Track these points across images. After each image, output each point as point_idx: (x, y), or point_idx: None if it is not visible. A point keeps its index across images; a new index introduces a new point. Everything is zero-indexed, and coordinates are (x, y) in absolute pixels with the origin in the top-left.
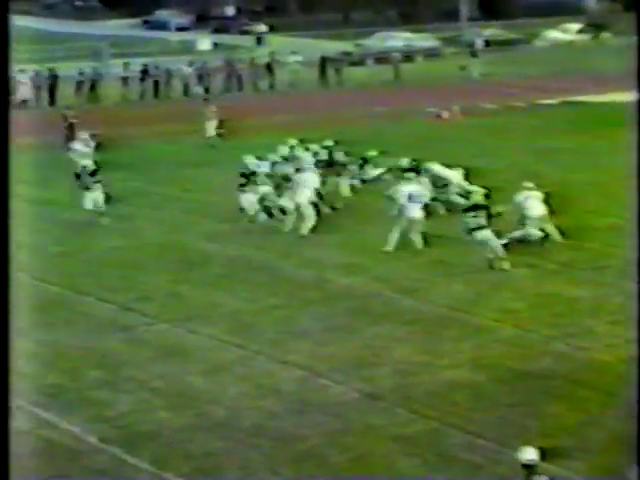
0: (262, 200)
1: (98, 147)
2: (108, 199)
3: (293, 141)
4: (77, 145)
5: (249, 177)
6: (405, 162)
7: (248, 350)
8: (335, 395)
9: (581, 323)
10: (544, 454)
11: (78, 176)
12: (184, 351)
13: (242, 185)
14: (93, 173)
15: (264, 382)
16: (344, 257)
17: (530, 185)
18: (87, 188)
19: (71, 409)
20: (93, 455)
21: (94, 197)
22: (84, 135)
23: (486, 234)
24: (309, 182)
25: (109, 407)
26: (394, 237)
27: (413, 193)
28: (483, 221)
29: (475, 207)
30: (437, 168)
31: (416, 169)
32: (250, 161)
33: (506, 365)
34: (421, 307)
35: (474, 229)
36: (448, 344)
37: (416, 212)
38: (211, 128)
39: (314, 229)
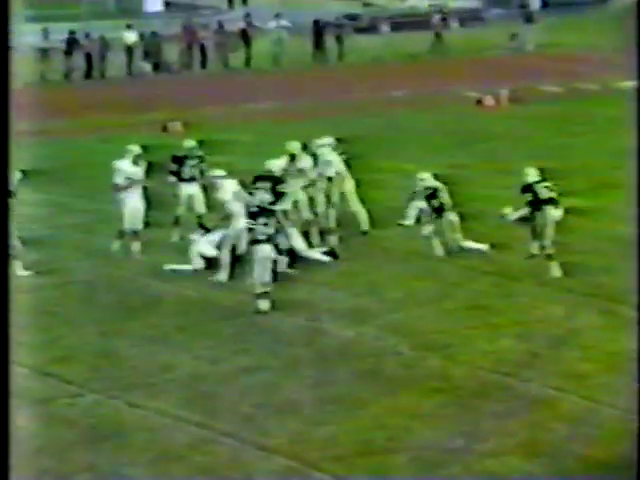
0: None
1: None
2: None
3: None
4: None
5: None
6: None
7: (211, 431)
8: None
9: None
10: None
11: None
12: (121, 433)
13: None
14: None
15: (235, 476)
16: (346, 300)
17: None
18: None
19: None
20: None
21: None
22: None
23: None
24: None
25: None
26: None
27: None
28: None
29: None
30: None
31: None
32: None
33: (572, 451)
34: (453, 370)
35: None
36: (491, 422)
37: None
38: None
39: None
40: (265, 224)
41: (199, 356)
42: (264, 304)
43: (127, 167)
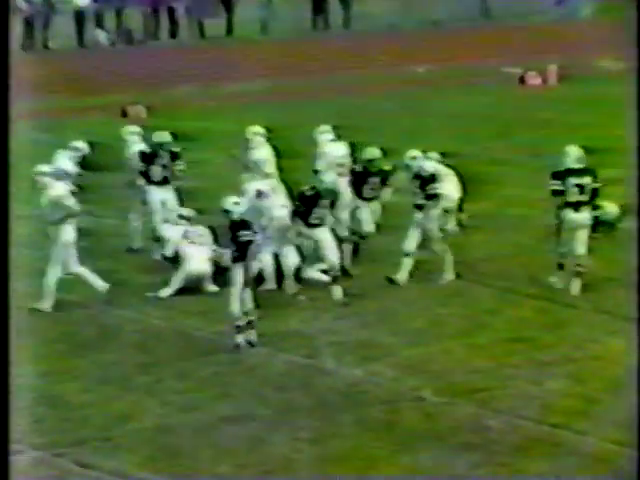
0: None
1: None
2: None
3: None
4: None
5: None
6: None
7: None
8: None
9: None
10: None
11: None
12: None
13: None
14: None
15: None
16: (354, 331)
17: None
18: None
19: None
20: None
21: None
22: None
23: None
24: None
25: None
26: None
27: None
28: None
29: None
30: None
31: None
32: None
33: None
34: (489, 420)
35: None
36: None
37: None
38: None
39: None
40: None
41: (168, 402)
42: (250, 335)
43: (69, 167)
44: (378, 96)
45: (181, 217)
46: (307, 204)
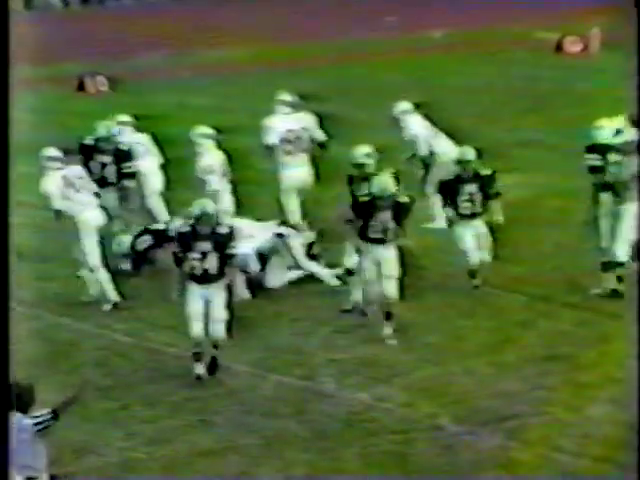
0: None
1: None
2: None
3: None
4: None
5: None
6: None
7: None
8: None
9: None
10: None
11: None
12: None
13: None
14: None
15: None
16: (358, 347)
17: None
18: None
19: None
20: None
21: None
22: None
23: None
24: None
25: None
26: None
27: None
28: None
29: None
30: None
31: None
32: None
33: None
34: (519, 453)
35: None
36: None
37: None
38: None
39: None
40: (203, 254)
41: (134, 433)
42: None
43: None
44: (383, 65)
45: (50, 159)
46: (362, 213)
